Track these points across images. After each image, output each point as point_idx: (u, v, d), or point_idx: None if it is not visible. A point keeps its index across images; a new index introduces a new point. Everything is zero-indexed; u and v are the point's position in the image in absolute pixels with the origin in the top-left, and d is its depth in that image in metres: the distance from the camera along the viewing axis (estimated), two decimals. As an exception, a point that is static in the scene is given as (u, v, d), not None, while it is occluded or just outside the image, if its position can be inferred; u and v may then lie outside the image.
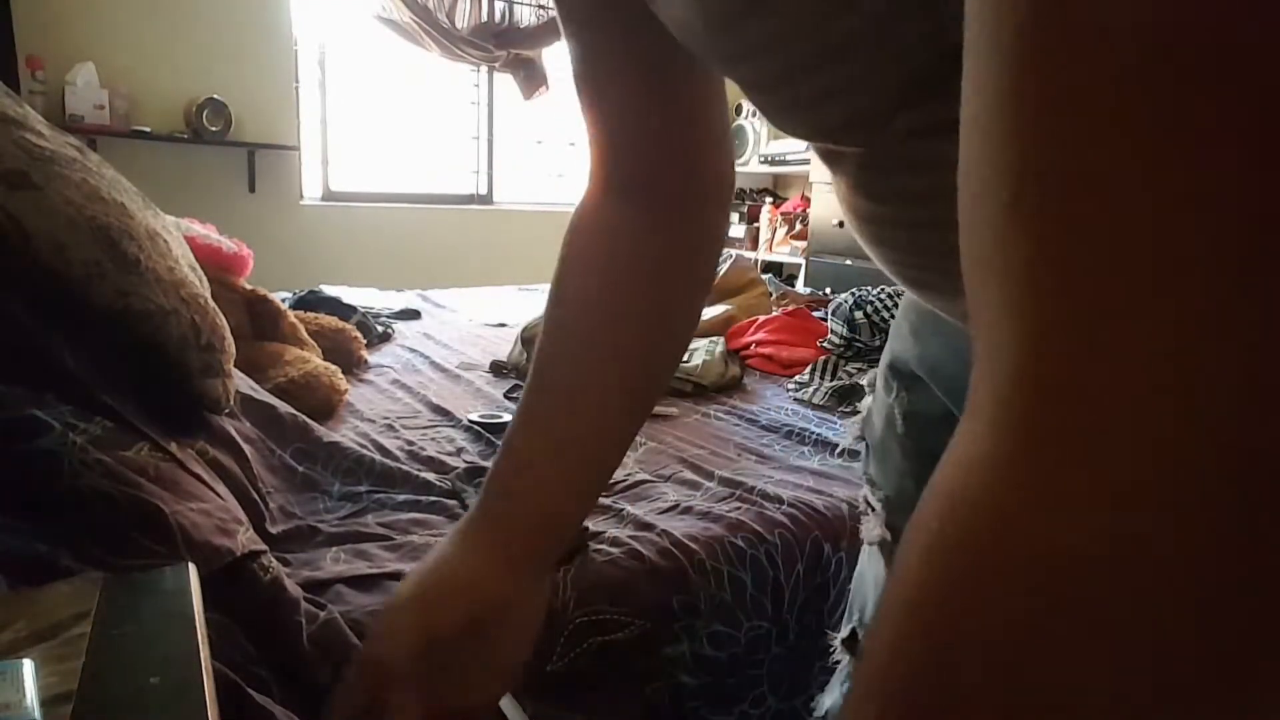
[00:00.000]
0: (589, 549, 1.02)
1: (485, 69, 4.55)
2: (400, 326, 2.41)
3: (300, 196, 4.12)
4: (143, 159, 3.49)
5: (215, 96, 3.60)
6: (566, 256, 0.56)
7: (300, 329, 1.69)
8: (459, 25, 4.25)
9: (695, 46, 0.40)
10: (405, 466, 1.26)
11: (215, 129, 3.60)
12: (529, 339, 1.93)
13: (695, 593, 1.03)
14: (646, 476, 1.30)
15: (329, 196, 4.29)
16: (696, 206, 0.55)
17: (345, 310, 2.19)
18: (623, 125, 0.54)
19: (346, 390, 1.60)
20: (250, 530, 0.84)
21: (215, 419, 1.01)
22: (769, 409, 1.74)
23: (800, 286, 3.98)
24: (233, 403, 1.04)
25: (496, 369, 1.96)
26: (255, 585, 0.78)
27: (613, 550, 1.03)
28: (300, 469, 1.17)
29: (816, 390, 1.88)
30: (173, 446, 0.83)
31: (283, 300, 1.90)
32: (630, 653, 0.98)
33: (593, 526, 1.09)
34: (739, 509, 1.17)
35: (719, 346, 1.96)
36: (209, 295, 1.00)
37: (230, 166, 3.83)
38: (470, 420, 1.52)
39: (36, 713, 0.40)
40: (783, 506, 1.19)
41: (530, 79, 4.51)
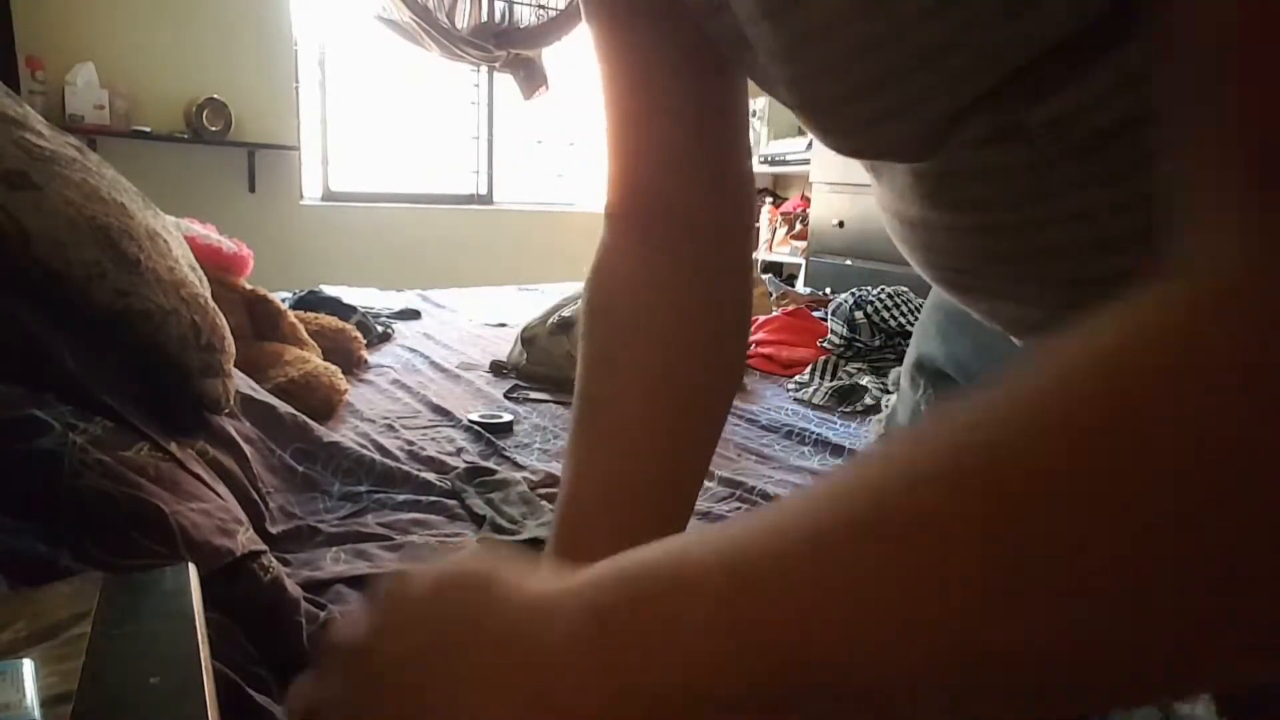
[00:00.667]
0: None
1: (485, 69, 4.55)
2: (400, 326, 2.41)
3: (300, 196, 4.12)
4: (143, 159, 3.49)
5: (215, 96, 3.60)
6: (595, 310, 0.53)
7: (300, 329, 1.69)
8: (459, 25, 4.25)
9: (758, 70, 0.40)
10: (405, 466, 1.26)
11: (215, 129, 3.60)
12: (529, 339, 1.93)
13: (695, 593, 1.03)
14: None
15: (329, 196, 4.29)
16: (722, 231, 0.53)
17: (345, 310, 2.19)
18: (642, 149, 0.52)
19: (346, 390, 1.60)
20: (250, 530, 0.84)
21: (215, 419, 1.01)
22: (769, 409, 1.74)
23: (800, 286, 3.98)
24: (233, 403, 1.04)
25: (496, 369, 1.96)
26: (255, 585, 0.78)
27: (613, 550, 1.03)
28: (300, 469, 1.17)
29: (816, 390, 1.88)
30: (173, 446, 0.83)
31: (283, 300, 1.91)
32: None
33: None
34: (739, 509, 1.17)
35: (719, 346, 1.96)
36: (209, 295, 1.00)
37: (230, 166, 3.83)
38: (470, 420, 1.52)
39: (36, 713, 0.40)
40: (783, 506, 1.19)
41: (530, 79, 4.51)
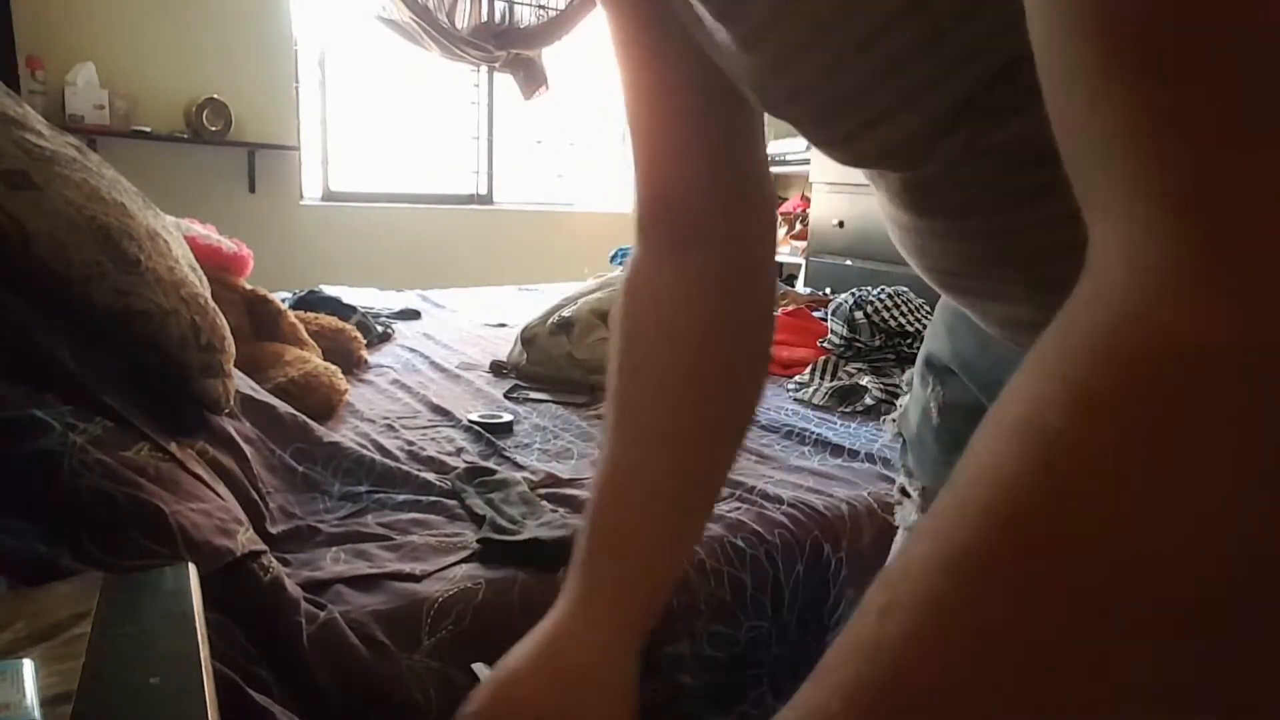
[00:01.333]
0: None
1: (485, 69, 4.55)
2: (400, 326, 2.41)
3: (300, 196, 4.12)
4: (143, 159, 3.49)
5: (215, 96, 3.60)
6: (628, 325, 0.55)
7: (300, 329, 1.69)
8: (459, 25, 4.25)
9: (750, 90, 0.42)
10: (405, 466, 1.26)
11: (215, 129, 3.60)
12: (529, 339, 1.93)
13: (695, 593, 1.03)
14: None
15: (329, 196, 4.28)
16: (744, 237, 0.55)
17: (345, 310, 2.19)
18: (671, 166, 0.54)
19: (346, 390, 1.60)
20: (250, 530, 0.84)
21: (215, 419, 1.01)
22: (769, 409, 1.74)
23: (800, 286, 3.98)
24: (233, 403, 1.04)
25: (496, 369, 1.96)
26: (255, 585, 0.78)
27: (613, 550, 1.03)
28: (300, 469, 1.17)
29: (816, 390, 1.88)
30: (173, 446, 0.83)
31: (283, 300, 1.90)
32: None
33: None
34: (739, 509, 1.17)
35: (719, 346, 1.96)
36: (209, 295, 1.00)
37: (230, 166, 3.83)
38: (470, 420, 1.52)
39: (36, 713, 0.40)
40: (783, 506, 1.19)
41: (530, 79, 4.51)
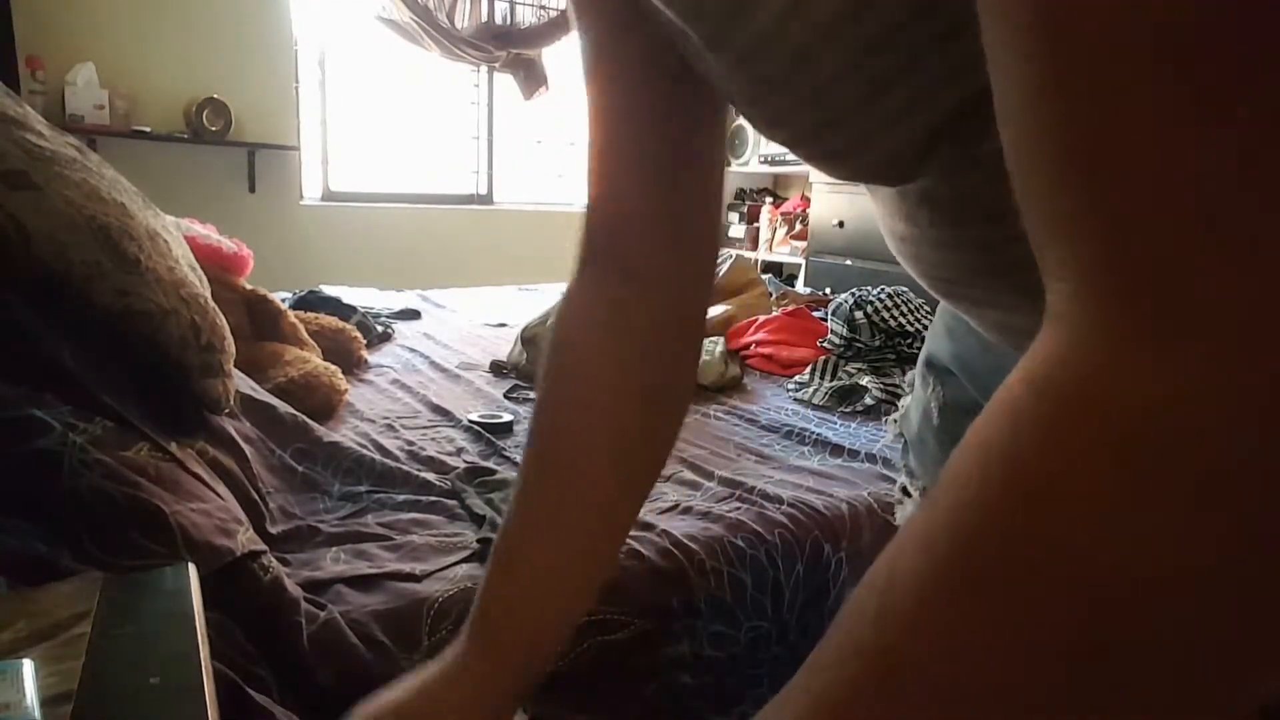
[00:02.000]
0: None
1: (485, 69, 4.55)
2: (400, 326, 2.41)
3: (300, 196, 4.12)
4: (143, 159, 3.49)
5: (215, 96, 3.60)
6: (553, 347, 0.54)
7: (300, 329, 1.69)
8: (459, 25, 4.25)
9: (740, 110, 0.42)
10: (405, 466, 1.26)
11: (215, 129, 3.60)
12: (529, 339, 1.93)
13: (695, 593, 1.03)
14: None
15: (329, 196, 4.28)
16: (679, 283, 0.54)
17: (345, 310, 2.19)
18: (620, 196, 0.53)
19: (346, 390, 1.60)
20: (250, 530, 0.84)
21: (215, 419, 1.01)
22: (769, 409, 1.74)
23: (800, 286, 3.98)
24: (233, 403, 1.04)
25: (496, 369, 1.96)
26: (255, 585, 0.78)
27: (613, 550, 1.03)
28: (300, 469, 1.17)
29: (816, 390, 1.88)
30: (173, 446, 0.83)
31: (283, 300, 1.90)
32: (630, 653, 0.98)
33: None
34: (739, 509, 1.17)
35: (719, 346, 1.96)
36: (209, 295, 1.00)
37: (230, 166, 3.83)
38: (470, 420, 1.52)
39: (36, 713, 0.40)
40: (783, 506, 1.19)
41: (530, 79, 4.51)
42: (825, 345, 2.12)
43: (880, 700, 0.24)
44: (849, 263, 4.08)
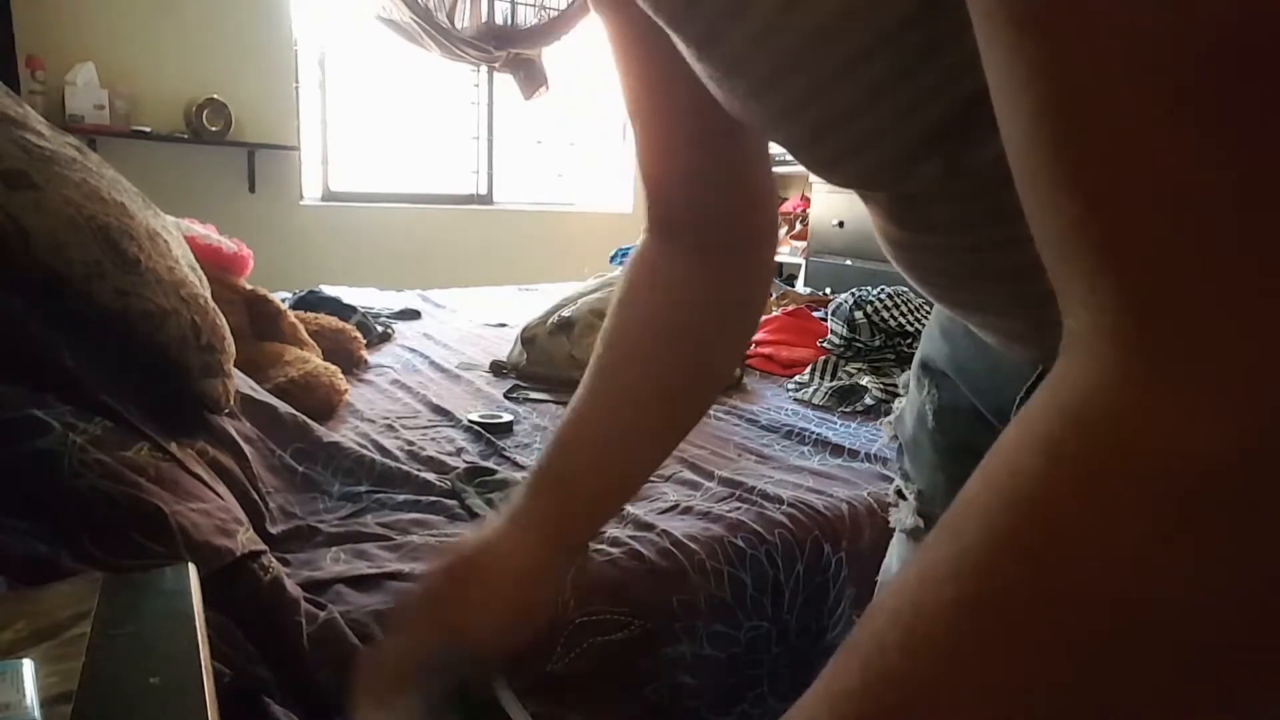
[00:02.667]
0: (589, 549, 1.02)
1: (485, 69, 4.55)
2: (400, 326, 2.41)
3: (300, 196, 4.12)
4: (143, 159, 3.49)
5: (215, 96, 3.60)
6: (620, 299, 0.59)
7: (300, 329, 1.69)
8: (459, 25, 4.25)
9: (736, 113, 0.44)
10: (405, 466, 1.26)
11: (215, 129, 3.60)
12: (529, 339, 1.93)
13: (695, 593, 1.03)
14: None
15: (329, 196, 4.28)
16: (741, 239, 0.58)
17: (345, 310, 2.19)
18: (672, 164, 0.57)
19: (346, 390, 1.60)
20: (250, 530, 0.84)
21: (215, 419, 1.01)
22: (769, 409, 1.74)
23: (800, 286, 3.98)
24: (233, 403, 1.04)
25: (496, 369, 1.96)
26: (255, 585, 0.78)
27: (613, 550, 1.03)
28: (300, 469, 1.17)
29: (816, 390, 1.88)
30: (173, 446, 0.83)
31: (283, 300, 1.90)
32: (630, 653, 0.98)
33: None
34: (739, 509, 1.17)
35: (719, 346, 1.96)
36: (209, 295, 1.00)
37: (230, 166, 3.83)
38: (470, 420, 1.52)
39: (36, 713, 0.40)
40: (783, 506, 1.19)
41: (530, 79, 4.51)
42: (825, 345, 2.12)
43: None
44: (849, 263, 4.08)
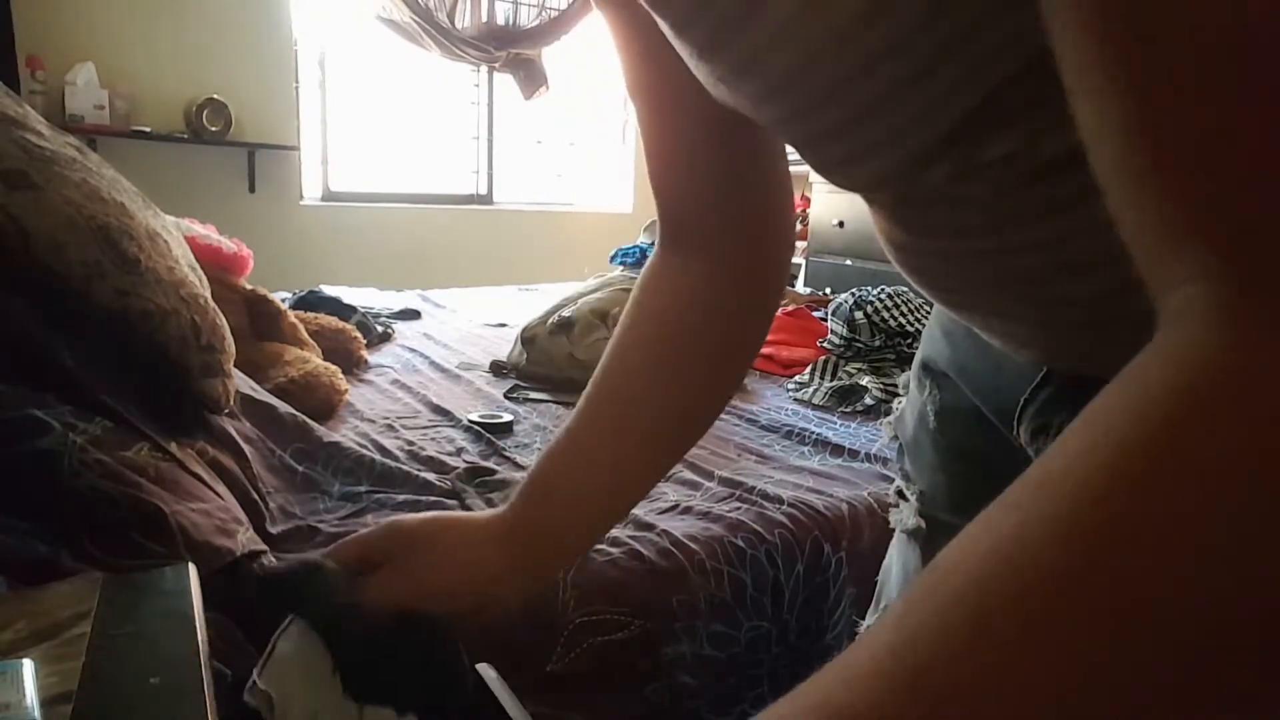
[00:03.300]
0: (588, 551, 1.02)
1: (485, 69, 4.55)
2: (400, 326, 2.41)
3: (300, 196, 4.12)
4: (143, 159, 3.49)
5: (215, 96, 3.60)
6: (630, 313, 0.59)
7: (300, 329, 1.69)
8: (459, 25, 4.25)
9: (746, 112, 0.43)
10: (405, 466, 1.26)
11: (215, 129, 3.60)
12: (529, 339, 1.93)
13: (695, 593, 1.03)
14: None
15: (329, 196, 4.29)
16: (754, 245, 0.57)
17: (345, 310, 2.19)
18: (682, 169, 0.56)
19: (346, 390, 1.60)
20: (250, 530, 0.84)
21: (215, 419, 1.01)
22: (769, 409, 1.74)
23: (800, 286, 3.98)
24: (233, 403, 1.04)
25: (496, 369, 1.96)
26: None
27: (612, 550, 1.03)
28: (300, 469, 1.17)
29: (816, 390, 1.88)
30: (173, 446, 0.83)
31: (283, 300, 1.90)
32: (630, 653, 0.98)
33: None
34: (739, 509, 1.17)
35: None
36: (209, 295, 1.00)
37: (230, 166, 3.83)
38: (470, 420, 1.52)
39: (36, 713, 0.40)
40: (783, 506, 1.19)
41: (530, 79, 4.51)
42: (825, 345, 2.12)
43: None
44: (849, 263, 4.08)
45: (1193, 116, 0.21)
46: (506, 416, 1.56)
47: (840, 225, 4.13)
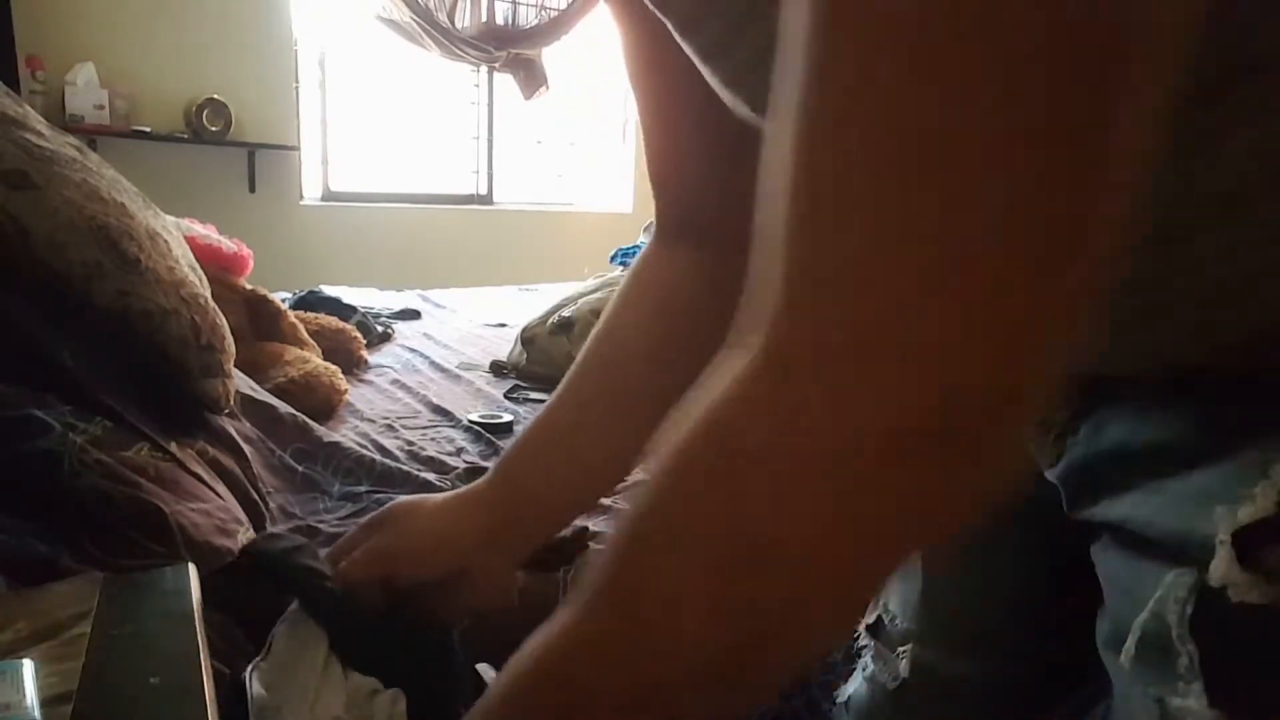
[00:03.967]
0: (589, 550, 1.02)
1: (485, 69, 4.55)
2: (400, 326, 2.41)
3: (300, 196, 4.12)
4: (143, 159, 3.49)
5: (215, 96, 3.60)
6: (619, 300, 0.59)
7: (300, 329, 1.69)
8: (459, 25, 4.25)
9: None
10: (405, 466, 1.26)
11: (215, 129, 3.60)
12: (529, 339, 1.93)
13: (695, 593, 1.03)
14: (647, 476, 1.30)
15: (329, 196, 4.29)
16: (743, 235, 0.57)
17: (345, 310, 2.19)
18: (674, 170, 0.57)
19: (346, 390, 1.60)
20: (250, 530, 0.84)
21: (215, 419, 1.01)
22: (769, 409, 1.74)
23: (800, 286, 3.98)
24: (233, 403, 1.04)
25: (496, 369, 1.96)
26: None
27: (613, 550, 1.03)
28: (300, 469, 1.17)
29: (816, 390, 1.88)
30: (173, 446, 0.83)
31: (283, 300, 1.90)
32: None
33: (593, 527, 1.09)
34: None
35: (719, 346, 1.96)
36: (209, 295, 1.00)
37: (230, 166, 3.83)
38: (470, 420, 1.52)
39: (36, 713, 0.40)
40: (783, 506, 1.18)
41: (530, 79, 4.51)
42: (825, 345, 2.12)
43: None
44: (849, 263, 4.08)
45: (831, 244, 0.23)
46: (506, 416, 1.56)
47: (840, 225, 4.13)
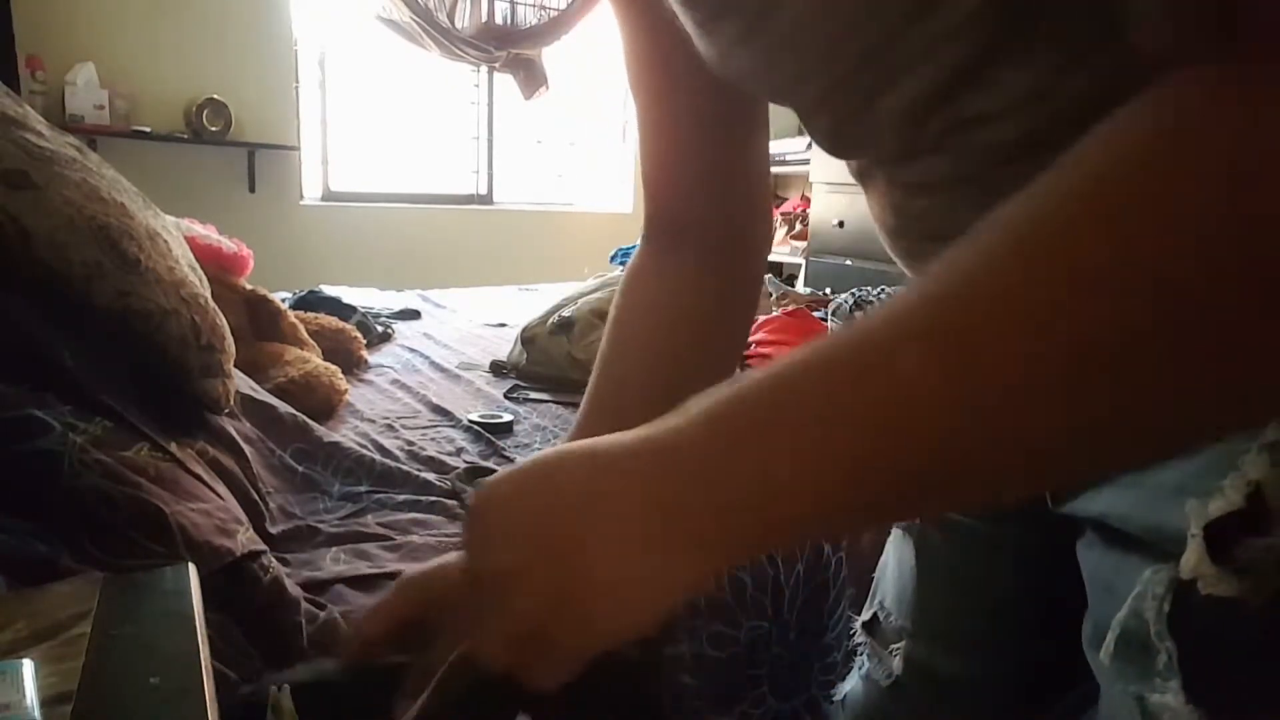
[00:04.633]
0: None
1: (485, 69, 4.55)
2: (400, 326, 2.41)
3: (300, 196, 4.12)
4: (143, 159, 3.49)
5: (215, 96, 3.60)
6: (619, 308, 0.60)
7: (300, 329, 1.69)
8: (459, 25, 4.25)
9: (751, 85, 0.45)
10: (405, 466, 1.26)
11: (215, 129, 3.60)
12: (529, 339, 1.93)
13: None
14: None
15: (329, 196, 4.28)
16: (734, 242, 0.59)
17: (345, 310, 2.19)
18: (670, 176, 0.59)
19: (346, 390, 1.60)
20: (250, 530, 0.84)
21: (215, 419, 1.01)
22: (769, 409, 1.74)
23: (800, 286, 3.98)
24: (233, 403, 1.04)
25: (496, 369, 1.96)
26: (255, 586, 0.78)
27: (613, 550, 1.03)
28: (300, 469, 1.17)
29: (816, 390, 1.88)
30: (173, 446, 0.83)
31: (283, 300, 1.90)
32: (630, 653, 0.97)
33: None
34: (739, 509, 1.17)
35: (719, 346, 1.96)
36: (209, 295, 1.00)
37: (230, 166, 3.83)
38: (470, 420, 1.52)
39: (36, 713, 0.40)
40: (783, 506, 1.19)
41: (530, 79, 4.51)
42: (825, 345, 2.12)
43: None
44: (849, 263, 4.08)
45: None
46: (506, 416, 1.56)
47: (840, 225, 4.13)
